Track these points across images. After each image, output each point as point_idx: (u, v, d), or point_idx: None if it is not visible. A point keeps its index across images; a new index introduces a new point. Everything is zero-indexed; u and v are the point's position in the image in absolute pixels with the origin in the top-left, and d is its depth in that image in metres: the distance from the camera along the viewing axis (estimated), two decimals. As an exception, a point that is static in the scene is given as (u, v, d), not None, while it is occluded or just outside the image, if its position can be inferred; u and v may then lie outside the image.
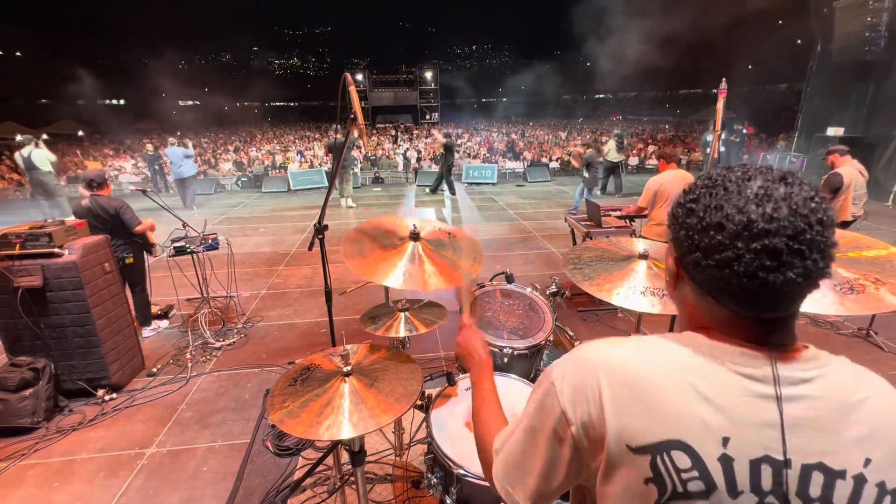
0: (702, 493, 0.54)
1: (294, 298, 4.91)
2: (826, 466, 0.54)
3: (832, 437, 0.55)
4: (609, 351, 0.64)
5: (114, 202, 3.71)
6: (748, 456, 0.55)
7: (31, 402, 2.81)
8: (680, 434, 0.56)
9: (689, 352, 0.60)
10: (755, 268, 0.53)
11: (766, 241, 0.53)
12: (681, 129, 24.77)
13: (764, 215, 0.53)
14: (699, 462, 0.55)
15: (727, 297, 0.58)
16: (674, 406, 0.57)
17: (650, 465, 0.56)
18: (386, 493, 2.29)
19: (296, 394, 1.47)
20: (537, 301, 2.40)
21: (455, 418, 1.75)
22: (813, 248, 0.53)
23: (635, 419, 0.57)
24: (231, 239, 4.72)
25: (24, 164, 8.10)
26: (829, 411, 0.56)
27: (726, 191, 0.57)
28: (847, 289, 1.60)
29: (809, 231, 0.53)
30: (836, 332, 3.98)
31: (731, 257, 0.55)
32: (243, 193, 12.55)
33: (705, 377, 0.57)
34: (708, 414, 0.56)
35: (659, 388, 0.58)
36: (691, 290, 0.64)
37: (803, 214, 0.53)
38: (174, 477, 2.49)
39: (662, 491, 0.56)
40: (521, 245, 6.85)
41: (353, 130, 1.89)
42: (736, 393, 0.56)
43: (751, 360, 0.58)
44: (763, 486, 0.54)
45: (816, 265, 0.53)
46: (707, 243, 0.57)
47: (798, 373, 0.57)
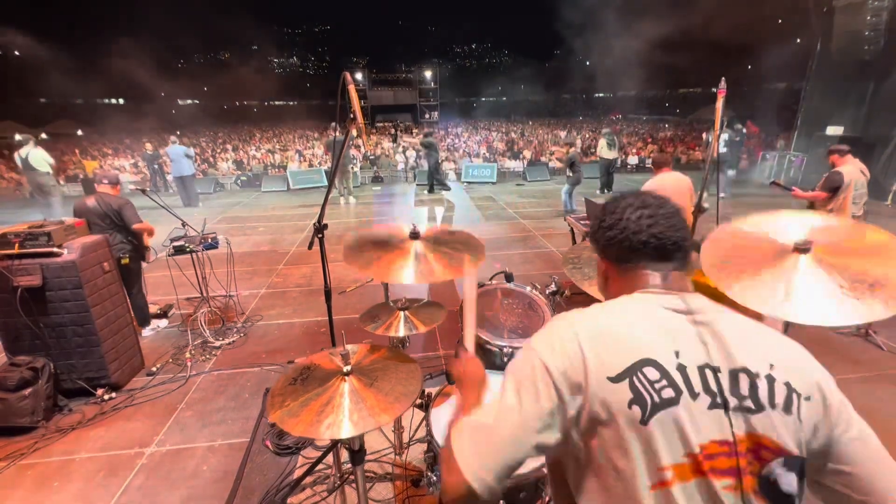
0: (672, 399, 0.68)
1: (293, 297, 4.91)
2: (747, 369, 0.71)
3: (743, 349, 0.73)
4: (578, 312, 0.81)
5: (119, 200, 3.77)
6: (695, 363, 0.71)
7: (30, 402, 2.81)
8: (646, 353, 0.71)
9: (634, 302, 0.81)
10: (640, 225, 0.83)
11: (643, 210, 0.84)
12: (680, 129, 24.77)
13: (639, 202, 0.86)
14: (665, 372, 0.70)
15: (634, 256, 0.84)
16: (636, 337, 0.74)
17: (629, 386, 0.69)
18: (386, 492, 2.29)
19: (296, 393, 1.47)
20: (537, 300, 2.40)
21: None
22: (670, 213, 0.85)
23: (609, 354, 0.72)
24: (230, 238, 4.71)
25: (22, 165, 8.04)
26: (736, 332, 0.75)
27: (615, 200, 0.91)
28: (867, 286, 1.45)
29: (667, 206, 0.86)
30: (834, 332, 3.98)
31: (625, 224, 0.84)
32: (242, 192, 12.54)
33: (650, 315, 0.77)
34: (660, 337, 0.73)
35: (622, 329, 0.75)
36: (615, 273, 0.89)
37: (661, 201, 0.86)
38: (174, 476, 2.49)
39: (644, 407, 0.68)
40: (521, 244, 6.85)
41: (352, 129, 1.89)
42: (672, 321, 0.76)
43: (672, 299, 0.79)
44: (711, 387, 0.69)
45: (678, 223, 0.84)
46: (610, 223, 0.87)
47: (711, 306, 0.79)
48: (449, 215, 9.17)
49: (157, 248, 4.04)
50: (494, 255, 6.23)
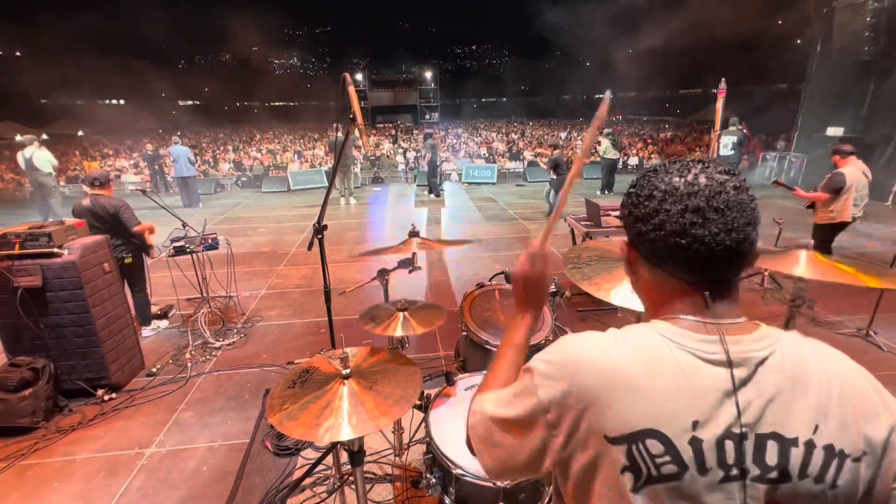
0: (674, 474, 0.59)
1: (294, 298, 4.92)
2: (779, 435, 0.59)
3: (784, 409, 0.60)
4: (587, 346, 0.68)
5: (114, 201, 3.72)
6: (714, 435, 0.59)
7: (30, 402, 2.81)
8: (653, 423, 0.60)
9: (657, 342, 0.65)
10: (683, 225, 0.63)
11: (688, 202, 0.63)
12: (681, 129, 24.77)
13: (685, 182, 0.64)
14: (671, 447, 0.60)
15: (670, 260, 0.66)
16: (647, 397, 0.61)
17: (626, 453, 0.60)
18: (385, 493, 2.29)
19: (295, 396, 1.47)
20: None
21: (454, 418, 1.75)
22: (730, 206, 0.62)
23: (612, 411, 0.61)
24: (231, 239, 4.72)
25: (25, 165, 8.03)
26: (781, 385, 0.61)
27: (655, 172, 0.69)
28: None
29: (725, 193, 0.62)
30: (835, 332, 3.98)
31: (664, 219, 0.64)
32: (243, 193, 12.55)
33: (674, 367, 0.62)
34: (678, 401, 0.60)
35: (636, 385, 0.62)
36: (644, 269, 0.72)
37: (719, 182, 0.63)
38: (174, 476, 2.49)
39: (638, 477, 0.60)
40: (521, 245, 6.85)
41: (352, 130, 1.89)
42: (700, 378, 0.61)
43: (710, 346, 0.63)
44: (727, 460, 0.59)
45: (736, 221, 0.62)
46: (643, 213, 0.67)
47: (752, 353, 0.62)
48: (438, 225, 9.15)
49: (159, 248, 4.04)
50: (494, 256, 6.23)
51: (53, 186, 8.20)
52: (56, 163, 8.31)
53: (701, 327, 0.65)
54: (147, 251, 3.98)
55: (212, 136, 25.37)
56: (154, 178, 12.47)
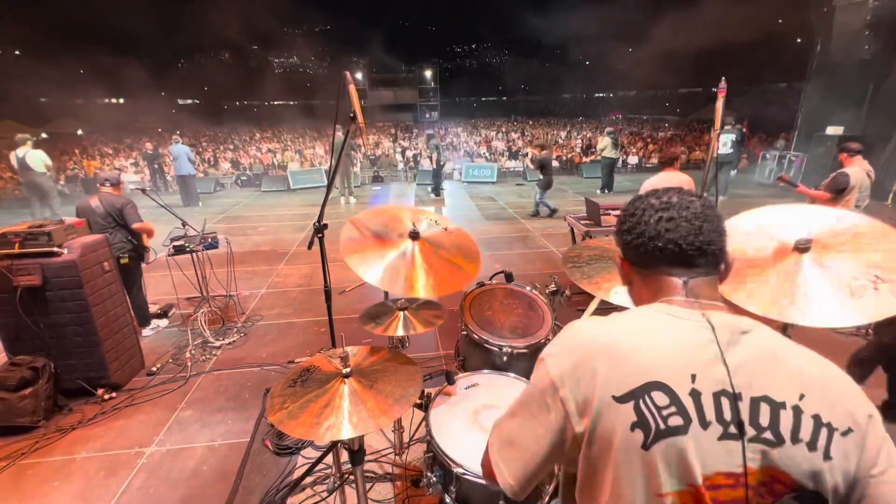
0: (681, 427, 0.64)
1: (294, 297, 4.92)
2: (770, 398, 0.65)
3: (770, 374, 0.67)
4: (590, 323, 0.78)
5: (121, 198, 3.80)
6: (710, 390, 0.66)
7: (30, 402, 2.81)
8: (657, 376, 0.67)
9: (654, 314, 0.76)
10: (658, 230, 0.77)
11: (662, 213, 0.78)
12: (681, 129, 24.76)
13: (660, 202, 0.80)
14: (675, 398, 0.65)
15: (654, 261, 0.79)
16: (650, 356, 0.69)
17: (634, 408, 0.66)
18: (385, 492, 2.29)
19: (295, 395, 1.47)
20: (537, 300, 2.40)
21: (454, 417, 1.75)
22: (697, 217, 0.76)
23: (618, 373, 0.68)
24: (230, 238, 4.71)
25: (19, 165, 7.78)
26: (765, 356, 0.69)
27: (638, 198, 0.84)
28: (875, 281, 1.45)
29: (693, 207, 0.77)
30: (834, 332, 3.98)
31: (644, 228, 0.79)
32: (243, 192, 12.55)
33: (669, 332, 0.72)
34: (676, 358, 0.68)
35: (636, 346, 0.70)
36: (637, 276, 0.85)
37: (689, 200, 0.79)
38: (174, 476, 2.49)
39: (647, 432, 0.65)
40: (521, 244, 6.85)
41: (353, 129, 1.89)
42: (693, 340, 0.70)
43: (698, 315, 0.73)
44: (725, 416, 0.65)
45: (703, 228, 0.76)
46: (628, 227, 0.83)
47: (737, 323, 0.71)
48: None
49: (158, 249, 4.03)
50: (494, 255, 6.23)
51: (50, 187, 8.03)
52: (50, 163, 8.08)
53: (688, 304, 0.75)
54: (143, 255, 3.97)
55: (211, 134, 25.34)
56: (153, 177, 12.46)
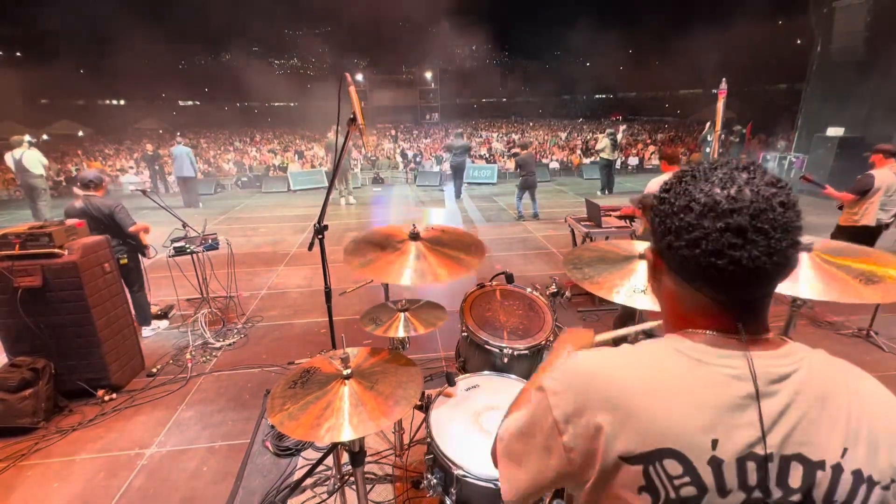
0: (693, 497, 0.56)
1: (294, 298, 4.91)
2: (804, 457, 0.56)
3: (811, 430, 0.57)
4: (601, 364, 0.66)
5: (108, 202, 3.69)
6: (735, 455, 0.56)
7: (30, 403, 2.81)
8: (671, 442, 0.57)
9: (675, 359, 0.62)
10: (722, 245, 0.57)
11: (730, 219, 0.56)
12: (681, 129, 24.77)
13: (728, 196, 0.57)
14: (690, 468, 0.57)
15: (700, 279, 0.61)
16: (665, 415, 0.58)
17: (643, 473, 0.58)
18: (386, 494, 2.29)
19: (296, 396, 1.47)
20: (537, 301, 2.40)
21: (455, 419, 1.75)
22: (776, 226, 0.56)
23: (628, 431, 0.59)
24: (231, 239, 4.72)
25: (15, 167, 7.73)
26: (807, 405, 0.58)
27: (694, 178, 0.61)
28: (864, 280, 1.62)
29: (771, 211, 0.56)
30: (836, 332, 3.97)
31: (700, 236, 0.58)
32: (243, 193, 12.56)
33: (692, 383, 0.60)
34: (696, 419, 0.57)
35: (650, 400, 0.59)
36: (669, 280, 0.67)
37: (765, 197, 0.57)
38: (174, 477, 2.49)
39: (656, 499, 0.57)
40: (521, 245, 6.85)
41: (352, 131, 1.89)
42: (721, 395, 0.58)
43: (732, 360, 0.60)
44: (749, 481, 0.56)
45: (780, 244, 0.56)
46: (677, 225, 0.60)
47: (776, 368, 0.59)
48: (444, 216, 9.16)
49: (158, 249, 4.03)
50: (495, 256, 6.23)
51: (44, 189, 7.97)
52: (46, 163, 8.03)
53: (721, 341, 0.62)
54: (143, 251, 3.95)
55: (212, 136, 25.37)
56: (154, 178, 12.48)
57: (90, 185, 3.70)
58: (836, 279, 1.67)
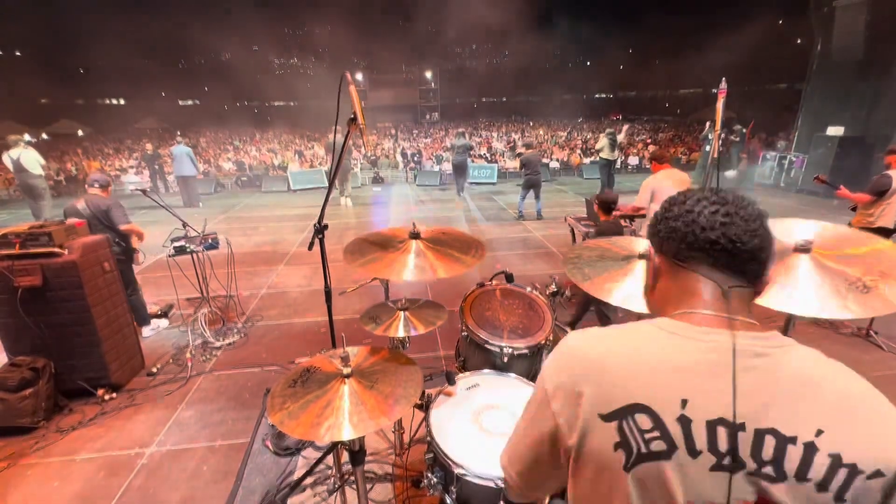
0: (663, 452, 0.61)
1: (294, 298, 4.92)
2: (777, 431, 0.60)
3: (785, 407, 0.61)
4: (583, 336, 0.75)
5: (107, 200, 3.71)
6: (704, 417, 0.61)
7: (30, 402, 2.81)
8: (642, 398, 0.64)
9: (655, 331, 0.71)
10: (714, 221, 0.70)
11: (720, 206, 0.70)
12: (681, 129, 24.77)
13: (717, 197, 0.72)
14: (659, 422, 0.62)
15: (700, 255, 0.71)
16: (638, 375, 0.66)
17: (617, 429, 0.64)
18: (386, 493, 2.29)
19: (296, 395, 1.47)
20: (537, 300, 2.40)
21: (455, 418, 1.75)
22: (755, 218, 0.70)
23: (605, 390, 0.66)
24: (231, 238, 4.72)
25: (13, 167, 7.64)
26: (785, 385, 0.62)
27: (687, 191, 0.77)
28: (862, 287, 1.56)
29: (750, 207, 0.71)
30: (835, 332, 3.98)
31: (695, 217, 0.71)
32: (243, 193, 12.56)
33: (666, 350, 0.67)
34: (668, 380, 0.64)
35: (627, 363, 0.67)
36: (667, 271, 0.77)
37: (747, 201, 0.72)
38: (174, 476, 2.49)
39: (629, 454, 0.63)
40: (521, 244, 6.85)
41: (352, 130, 1.89)
42: (694, 361, 0.65)
43: (709, 336, 0.66)
44: (719, 446, 0.60)
45: (758, 231, 0.69)
46: (676, 213, 0.74)
47: (757, 347, 0.65)
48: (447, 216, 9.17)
49: (158, 250, 4.03)
50: (495, 256, 6.23)
51: (44, 188, 7.92)
52: (44, 163, 7.96)
53: (705, 319, 0.69)
54: (131, 256, 3.91)
55: (212, 135, 25.37)
56: (154, 177, 12.47)
57: (95, 185, 3.78)
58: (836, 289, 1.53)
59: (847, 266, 1.64)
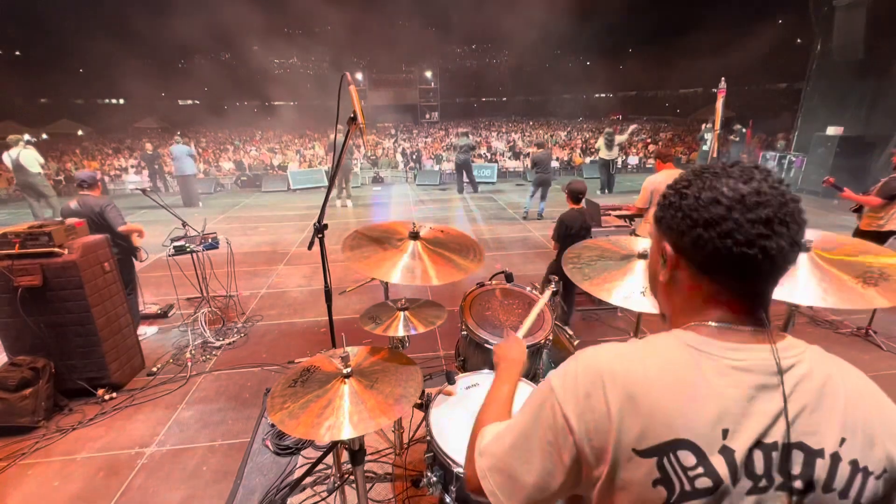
0: (709, 489, 0.58)
1: (294, 298, 4.92)
2: (805, 446, 0.59)
3: (811, 420, 0.60)
4: (611, 358, 0.66)
5: (100, 201, 3.66)
6: (746, 445, 0.58)
7: (30, 402, 2.81)
8: (684, 433, 0.58)
9: (683, 352, 0.64)
10: (753, 235, 0.60)
11: (758, 212, 0.60)
12: (681, 129, 24.78)
13: (752, 190, 0.61)
14: (704, 458, 0.58)
15: (726, 269, 0.63)
16: (676, 407, 0.59)
17: (657, 465, 0.59)
18: (386, 492, 2.29)
19: (296, 395, 1.47)
20: (537, 300, 2.40)
21: (455, 417, 1.75)
22: (795, 218, 0.61)
23: (641, 423, 0.60)
24: (231, 238, 4.72)
25: (13, 166, 7.71)
26: (808, 396, 0.60)
27: (715, 175, 0.64)
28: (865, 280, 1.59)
29: (789, 204, 0.61)
30: (835, 332, 3.98)
31: (732, 227, 0.60)
32: (243, 192, 12.55)
33: (701, 375, 0.61)
34: (707, 410, 0.59)
35: (661, 392, 0.60)
36: (687, 275, 0.68)
37: (781, 191, 0.62)
38: (174, 476, 2.49)
39: (671, 491, 0.58)
40: (521, 244, 6.85)
41: (353, 130, 1.89)
42: (729, 385, 0.60)
43: (737, 353, 0.62)
44: (756, 470, 0.58)
45: (799, 233, 0.62)
46: (707, 217, 0.62)
47: (784, 360, 0.62)
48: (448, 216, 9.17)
49: (158, 250, 4.03)
50: (494, 256, 6.23)
51: (46, 186, 7.99)
52: (43, 161, 8.05)
53: (727, 334, 0.64)
54: (135, 254, 3.92)
55: (212, 135, 25.36)
56: (153, 177, 12.47)
57: (84, 185, 3.69)
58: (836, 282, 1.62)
59: (842, 270, 1.66)
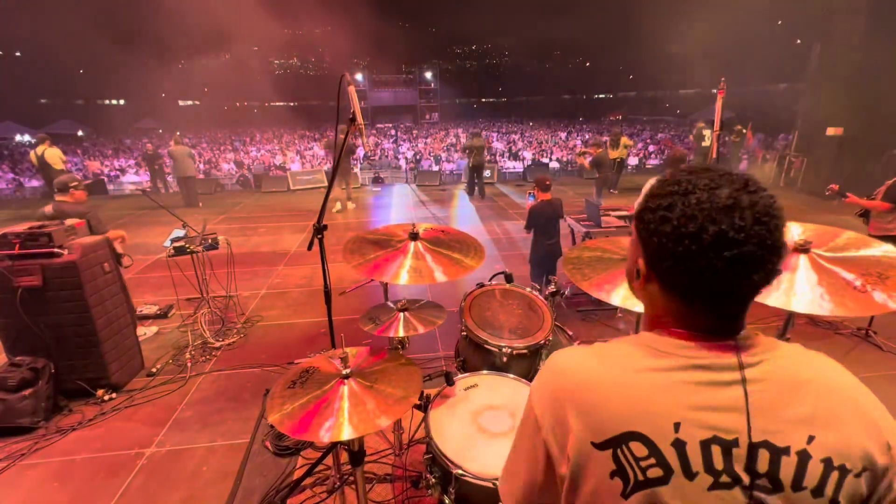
0: (661, 478, 0.59)
1: (294, 298, 4.92)
2: (770, 444, 0.59)
3: (774, 417, 0.60)
4: (572, 360, 0.71)
5: (79, 208, 3.53)
6: (699, 438, 0.60)
7: (30, 402, 2.82)
8: (635, 425, 0.61)
9: (640, 351, 0.67)
10: (729, 274, 0.60)
11: (737, 250, 0.58)
12: (681, 128, 24.77)
13: (734, 226, 0.59)
14: (654, 449, 0.60)
15: (700, 297, 0.64)
16: (629, 401, 0.63)
17: (612, 457, 0.61)
18: (385, 493, 2.29)
19: (295, 396, 1.47)
20: (537, 301, 2.40)
21: (454, 418, 1.75)
22: (774, 252, 0.60)
23: (596, 418, 0.63)
24: (230, 239, 4.71)
25: (38, 163, 8.60)
26: (771, 393, 0.61)
27: (698, 201, 0.61)
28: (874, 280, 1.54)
29: (770, 237, 0.59)
30: (835, 332, 3.98)
31: (706, 265, 0.60)
32: (243, 193, 12.55)
33: (655, 371, 0.64)
34: (659, 404, 0.62)
35: (616, 388, 0.64)
36: (660, 291, 0.69)
37: (765, 223, 0.59)
38: (174, 477, 2.49)
39: (626, 482, 0.61)
40: (521, 245, 6.84)
41: (352, 130, 1.89)
42: (683, 381, 0.62)
43: (695, 351, 0.64)
44: (715, 465, 0.59)
45: (775, 267, 0.61)
46: (682, 252, 0.61)
47: (746, 359, 0.63)
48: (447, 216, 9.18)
49: (158, 250, 4.03)
50: (494, 256, 6.23)
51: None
52: (65, 158, 8.99)
53: (690, 336, 0.65)
54: (119, 260, 3.89)
55: (211, 136, 25.37)
56: (153, 178, 12.47)
57: (57, 191, 3.54)
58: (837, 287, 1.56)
59: (843, 268, 1.66)
